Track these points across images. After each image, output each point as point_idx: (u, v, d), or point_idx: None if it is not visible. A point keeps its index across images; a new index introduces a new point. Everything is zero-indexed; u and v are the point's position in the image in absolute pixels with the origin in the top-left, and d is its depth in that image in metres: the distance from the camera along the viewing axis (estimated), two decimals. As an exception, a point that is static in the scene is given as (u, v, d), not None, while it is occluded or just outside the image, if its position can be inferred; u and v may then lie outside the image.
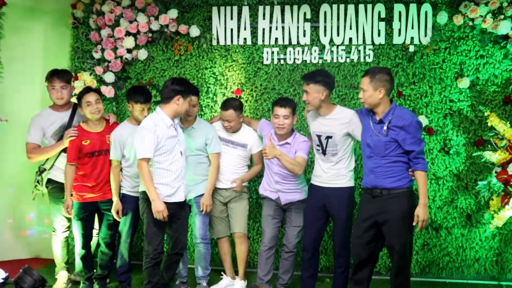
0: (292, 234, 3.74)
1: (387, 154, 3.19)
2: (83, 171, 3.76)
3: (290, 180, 3.71)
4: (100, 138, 3.78)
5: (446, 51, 4.31)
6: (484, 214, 4.26)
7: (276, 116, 3.63)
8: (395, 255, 3.23)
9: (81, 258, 3.82)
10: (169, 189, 3.43)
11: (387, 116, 3.20)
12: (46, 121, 3.89)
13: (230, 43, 4.58)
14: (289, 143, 3.67)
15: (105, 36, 4.63)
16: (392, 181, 3.19)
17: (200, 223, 3.88)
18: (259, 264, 3.78)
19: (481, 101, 4.27)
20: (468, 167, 4.29)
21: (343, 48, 4.45)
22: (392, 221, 3.18)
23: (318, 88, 3.45)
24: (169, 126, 3.42)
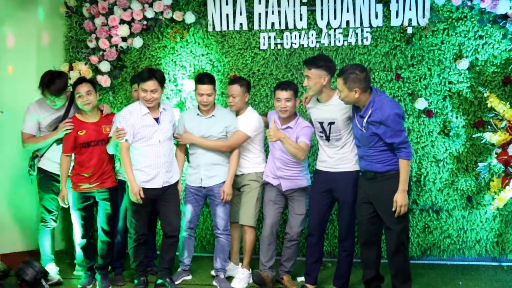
0: (295, 222, 3.71)
1: (372, 145, 3.25)
2: (79, 162, 3.74)
3: (292, 167, 3.68)
4: (96, 129, 3.75)
5: (445, 32, 4.27)
6: (484, 195, 4.26)
7: (278, 100, 3.60)
8: (390, 235, 3.29)
9: (81, 248, 3.82)
10: (145, 175, 3.59)
11: (367, 111, 3.22)
12: (42, 111, 3.86)
13: (226, 29, 4.52)
14: (291, 127, 3.63)
15: (99, 25, 4.57)
16: (382, 166, 3.26)
17: (221, 213, 3.80)
18: (261, 250, 3.77)
19: (480, 82, 4.24)
20: (468, 149, 4.27)
21: (341, 31, 4.40)
22: (385, 201, 3.24)
23: (320, 73, 3.41)
24: (144, 115, 3.59)
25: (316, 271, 3.68)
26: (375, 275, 3.46)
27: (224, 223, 3.81)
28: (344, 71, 3.24)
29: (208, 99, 3.69)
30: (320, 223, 3.61)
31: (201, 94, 3.69)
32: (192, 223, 3.88)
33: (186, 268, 3.98)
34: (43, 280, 3.63)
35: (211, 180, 3.79)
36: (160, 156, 3.61)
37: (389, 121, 3.13)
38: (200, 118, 3.78)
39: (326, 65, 3.44)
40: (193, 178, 3.84)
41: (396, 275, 3.34)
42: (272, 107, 4.47)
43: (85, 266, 3.87)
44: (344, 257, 3.59)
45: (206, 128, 3.75)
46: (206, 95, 3.68)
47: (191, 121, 3.80)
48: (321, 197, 3.58)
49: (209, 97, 3.70)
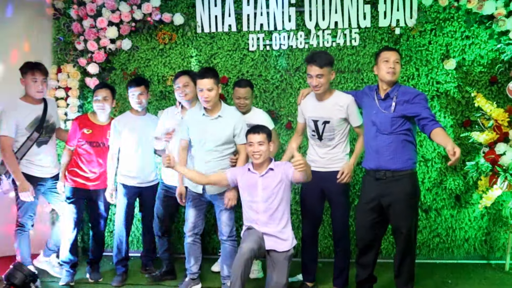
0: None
1: (393, 130, 3.17)
2: (78, 158, 3.86)
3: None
4: (102, 131, 3.89)
5: (432, 32, 4.30)
6: (472, 194, 4.30)
7: (251, 144, 3.33)
8: (402, 238, 3.22)
9: (70, 244, 3.86)
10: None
11: (394, 91, 3.21)
12: (21, 113, 3.78)
13: (215, 30, 4.52)
14: (273, 168, 3.33)
15: (87, 27, 4.54)
16: (396, 163, 3.17)
17: (225, 219, 3.57)
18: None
19: (467, 82, 4.27)
20: (456, 148, 4.31)
21: (329, 32, 4.41)
22: (396, 203, 3.18)
23: (330, 69, 3.39)
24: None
25: (314, 269, 3.68)
26: (368, 276, 3.46)
27: (229, 229, 3.59)
28: (393, 48, 3.41)
29: (208, 94, 3.39)
30: (314, 223, 3.61)
31: (201, 89, 3.41)
32: (196, 228, 3.66)
33: (195, 277, 3.76)
34: (32, 284, 3.61)
35: (215, 189, 3.55)
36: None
37: (419, 98, 3.15)
38: (205, 119, 3.51)
39: (333, 60, 3.45)
40: (194, 184, 3.58)
41: (400, 276, 3.31)
42: (262, 108, 4.48)
43: (69, 263, 3.89)
44: (341, 256, 3.56)
45: (212, 130, 3.48)
46: (207, 90, 3.39)
47: (195, 121, 3.54)
48: (314, 198, 3.56)
49: (210, 92, 3.39)
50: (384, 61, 3.23)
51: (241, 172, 3.41)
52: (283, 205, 3.32)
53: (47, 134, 3.90)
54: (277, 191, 3.29)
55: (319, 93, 3.43)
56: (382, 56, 3.25)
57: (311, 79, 3.38)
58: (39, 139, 3.83)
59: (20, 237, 3.89)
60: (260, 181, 3.32)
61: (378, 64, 3.28)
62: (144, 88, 3.88)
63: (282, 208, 3.32)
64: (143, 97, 3.88)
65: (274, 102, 4.49)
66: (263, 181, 3.32)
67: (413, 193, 3.22)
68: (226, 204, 3.52)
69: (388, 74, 3.21)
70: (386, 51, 3.26)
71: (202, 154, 3.53)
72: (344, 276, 3.59)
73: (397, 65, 3.22)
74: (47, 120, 3.88)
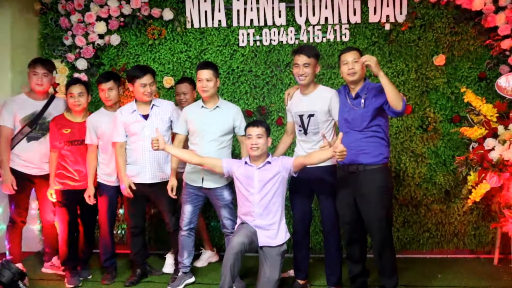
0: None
1: (364, 127, 3.24)
2: (63, 159, 3.81)
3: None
4: (81, 128, 3.80)
5: (422, 28, 4.32)
6: (462, 189, 4.32)
7: (249, 136, 3.36)
8: (375, 231, 3.27)
9: (67, 246, 3.81)
10: (132, 170, 3.70)
11: (363, 90, 3.28)
12: (19, 104, 3.89)
13: (204, 26, 4.50)
14: (270, 162, 3.39)
15: (75, 22, 4.50)
16: (367, 157, 3.24)
17: (227, 214, 3.62)
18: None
19: (457, 78, 4.30)
20: (445, 144, 4.33)
21: (319, 28, 4.41)
22: (368, 195, 3.24)
23: (316, 61, 3.46)
24: (132, 112, 3.67)
25: (305, 266, 3.67)
26: (361, 271, 3.47)
27: (232, 223, 3.61)
28: (351, 47, 3.44)
29: (207, 84, 3.51)
30: (303, 219, 3.60)
31: (200, 79, 3.54)
32: (192, 223, 3.70)
33: (187, 270, 3.77)
34: (20, 282, 3.55)
35: (213, 182, 3.59)
36: (146, 151, 3.63)
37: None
38: (204, 110, 3.60)
39: (319, 55, 3.54)
40: (192, 176, 3.64)
41: (382, 271, 3.34)
42: (252, 104, 4.48)
43: (69, 264, 3.84)
44: (333, 252, 3.55)
45: (211, 121, 3.57)
46: (205, 80, 3.51)
47: (193, 113, 3.63)
48: (301, 194, 3.56)
49: (208, 82, 3.51)
50: (344, 64, 3.31)
51: (237, 164, 3.45)
52: (278, 198, 3.36)
53: (40, 131, 3.90)
54: (273, 184, 3.34)
55: (304, 84, 3.46)
56: (341, 59, 3.33)
57: (297, 69, 3.43)
58: (29, 134, 3.86)
59: (10, 233, 3.92)
60: (256, 173, 3.36)
61: (340, 67, 3.36)
62: (113, 83, 3.80)
63: (277, 200, 3.36)
64: (113, 92, 3.80)
65: (264, 98, 4.48)
66: (260, 174, 3.36)
67: (385, 186, 3.27)
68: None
69: (348, 76, 3.29)
70: (344, 53, 3.34)
71: (202, 146, 3.57)
72: (337, 273, 3.59)
73: (356, 64, 3.26)
74: (44, 117, 3.90)
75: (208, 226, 4.56)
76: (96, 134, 3.77)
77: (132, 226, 3.82)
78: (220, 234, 4.52)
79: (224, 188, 3.62)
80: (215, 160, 3.48)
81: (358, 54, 3.29)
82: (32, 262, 4.30)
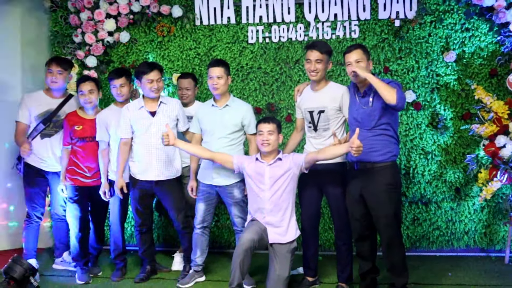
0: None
1: (373, 125, 3.23)
2: (74, 156, 3.83)
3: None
4: (93, 125, 3.82)
5: (432, 25, 4.28)
6: (472, 187, 4.29)
7: (260, 133, 3.39)
8: (383, 228, 3.27)
9: (78, 242, 3.83)
10: (137, 167, 3.72)
11: (372, 88, 3.24)
12: (34, 101, 3.96)
13: (213, 23, 4.49)
14: (281, 158, 3.40)
15: (84, 19, 4.51)
16: (376, 155, 3.23)
17: (237, 212, 3.63)
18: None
19: (467, 75, 4.26)
20: (456, 141, 4.30)
21: (329, 24, 4.39)
22: (376, 193, 3.23)
23: (328, 59, 3.46)
24: (140, 108, 3.68)
25: (315, 263, 3.67)
26: (371, 268, 3.46)
27: (242, 220, 3.62)
28: (357, 45, 3.35)
29: (217, 82, 3.53)
30: (311, 217, 3.59)
31: (211, 76, 3.56)
32: (205, 221, 3.70)
33: (199, 269, 3.77)
34: (32, 278, 3.58)
35: (223, 179, 3.61)
36: (152, 149, 3.64)
37: (392, 84, 3.17)
38: (214, 109, 3.63)
39: (332, 51, 3.55)
40: (204, 174, 3.67)
41: (392, 268, 3.33)
42: (261, 101, 4.48)
43: (80, 260, 3.86)
44: (344, 250, 3.54)
45: (221, 119, 3.58)
46: (216, 77, 3.53)
47: (204, 112, 3.67)
48: (310, 192, 3.55)
49: (219, 80, 3.54)
50: (347, 65, 3.31)
51: (248, 160, 3.46)
52: (288, 195, 3.37)
53: (53, 128, 3.96)
54: (284, 180, 3.35)
55: (315, 80, 3.45)
56: (345, 59, 3.33)
57: (309, 64, 3.42)
58: (43, 131, 3.93)
59: (26, 228, 3.99)
60: (267, 170, 3.38)
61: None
62: (125, 80, 3.80)
63: (287, 197, 3.37)
64: (124, 89, 3.80)
65: (273, 95, 4.47)
66: (271, 170, 3.37)
67: (393, 184, 3.26)
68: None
69: (353, 77, 3.29)
70: (346, 54, 3.32)
71: (212, 143, 3.59)
72: (348, 270, 3.58)
73: (359, 64, 3.24)
74: (58, 115, 3.96)
75: (218, 224, 4.56)
76: (107, 131, 3.78)
77: (139, 224, 3.82)
78: (230, 231, 4.53)
79: (235, 186, 3.62)
80: (226, 155, 3.49)
81: (361, 53, 3.26)
82: (43, 258, 4.34)
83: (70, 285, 3.77)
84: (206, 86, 4.37)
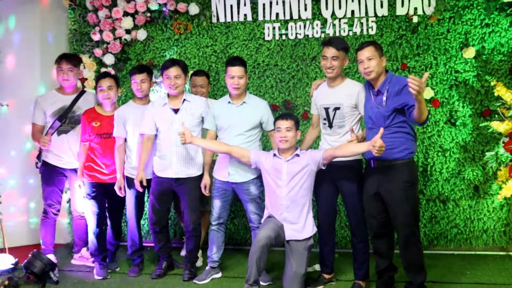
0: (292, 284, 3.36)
1: (388, 124, 3.19)
2: (92, 153, 3.87)
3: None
4: (110, 122, 3.85)
5: (451, 20, 4.23)
6: (491, 185, 4.23)
7: (278, 129, 3.39)
8: (400, 226, 3.24)
9: (96, 237, 3.87)
10: (159, 164, 3.74)
11: (385, 85, 3.21)
12: (48, 101, 4.01)
13: (230, 20, 4.51)
14: (299, 154, 3.40)
15: (102, 17, 4.56)
16: (393, 153, 3.19)
17: (253, 209, 3.64)
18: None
19: (487, 71, 4.20)
20: (475, 138, 4.25)
21: (346, 21, 4.37)
22: (393, 191, 3.20)
23: (345, 55, 3.44)
24: (163, 105, 3.70)
25: (331, 260, 3.66)
26: (388, 265, 3.43)
27: (258, 217, 3.62)
28: (369, 41, 3.30)
29: (239, 82, 3.54)
30: (328, 212, 3.58)
31: (232, 76, 3.54)
32: (221, 218, 3.72)
33: (215, 265, 3.78)
34: (51, 272, 3.64)
35: (240, 176, 3.62)
36: (172, 146, 3.65)
37: (407, 87, 3.05)
38: (231, 106, 3.63)
39: (349, 47, 3.51)
40: (220, 171, 3.68)
41: (409, 266, 3.30)
42: (278, 98, 4.47)
43: (98, 256, 3.90)
44: (361, 247, 3.52)
45: (238, 117, 3.59)
46: (238, 77, 3.53)
47: (220, 109, 3.66)
48: (325, 189, 3.54)
49: (240, 80, 3.54)
50: (359, 62, 3.27)
51: (265, 156, 3.48)
52: (305, 191, 3.38)
53: (69, 124, 4.01)
54: (301, 176, 3.36)
55: (331, 77, 3.44)
56: (357, 56, 3.29)
57: (325, 61, 3.40)
58: (60, 128, 3.99)
59: (43, 224, 4.07)
60: (285, 166, 3.39)
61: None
62: (146, 76, 3.82)
63: (304, 193, 3.37)
64: (145, 85, 3.82)
65: (290, 92, 4.47)
66: (288, 166, 3.38)
67: (410, 181, 3.22)
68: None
69: (365, 75, 3.25)
70: (358, 51, 3.27)
71: (229, 140, 3.59)
72: (365, 267, 3.56)
73: (371, 61, 3.19)
74: (73, 111, 4.01)
75: (234, 221, 4.58)
76: (124, 127, 3.81)
77: (154, 222, 3.79)
78: (246, 228, 4.54)
79: (251, 183, 3.63)
80: (243, 150, 3.51)
81: (372, 50, 3.21)
82: (62, 254, 4.39)
83: (88, 280, 3.81)
84: (222, 83, 4.40)
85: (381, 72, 3.23)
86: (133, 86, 3.84)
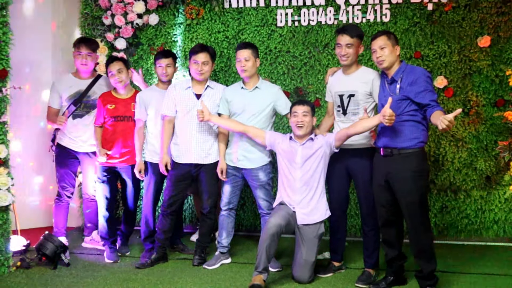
0: (302, 271, 3.39)
1: (400, 112, 3.17)
2: (104, 135, 3.88)
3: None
4: (125, 105, 3.87)
5: (466, 8, 4.17)
6: (504, 176, 4.20)
7: (295, 115, 3.42)
8: (408, 215, 3.22)
9: (106, 221, 3.90)
10: (177, 150, 3.74)
11: (398, 74, 3.19)
12: (64, 84, 4.03)
13: (242, 6, 4.47)
14: (313, 138, 3.44)
15: (114, 1, 4.54)
16: (402, 141, 3.17)
17: (262, 195, 3.64)
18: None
19: (502, 60, 4.15)
20: (488, 128, 4.21)
21: (359, 8, 4.32)
22: (402, 179, 3.17)
23: (359, 42, 3.40)
24: (186, 89, 3.70)
25: (341, 248, 3.66)
26: (397, 254, 3.42)
27: (267, 204, 3.64)
28: (382, 31, 3.28)
29: (245, 64, 3.55)
30: (340, 200, 3.57)
31: (239, 59, 3.57)
32: (231, 203, 3.74)
33: (224, 251, 3.79)
34: (63, 255, 3.67)
35: (249, 162, 3.63)
36: (192, 131, 3.67)
37: (421, 80, 3.09)
38: (243, 91, 3.64)
39: (363, 35, 3.47)
40: (229, 156, 3.68)
41: (418, 255, 3.28)
42: (290, 85, 4.45)
43: (108, 239, 3.92)
44: (371, 236, 3.51)
45: (250, 101, 3.59)
46: (244, 59, 3.55)
47: (233, 94, 3.66)
48: (338, 176, 3.53)
49: (247, 62, 3.55)
50: (372, 52, 3.24)
51: (281, 138, 3.50)
52: (318, 174, 3.40)
53: (84, 109, 4.03)
54: (315, 159, 3.39)
55: (346, 64, 3.42)
56: (371, 46, 3.25)
57: (340, 49, 3.38)
58: (75, 112, 4.01)
59: (56, 207, 4.11)
60: (300, 150, 3.42)
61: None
62: (172, 60, 3.83)
63: (317, 176, 3.40)
64: (170, 69, 3.83)
65: (302, 79, 4.44)
66: (303, 150, 3.41)
67: (419, 170, 3.19)
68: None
69: (378, 64, 3.23)
70: (372, 41, 3.24)
71: None
72: (375, 256, 3.55)
73: (384, 50, 3.16)
74: (88, 95, 4.03)
75: (244, 207, 4.59)
76: (146, 110, 3.80)
77: (166, 205, 3.73)
78: (255, 214, 4.55)
79: (260, 169, 3.63)
80: (259, 130, 3.53)
81: (385, 39, 3.18)
82: (73, 237, 4.44)
83: (99, 263, 3.84)
84: (234, 69, 4.38)
85: (394, 62, 3.20)
86: (157, 70, 3.83)
